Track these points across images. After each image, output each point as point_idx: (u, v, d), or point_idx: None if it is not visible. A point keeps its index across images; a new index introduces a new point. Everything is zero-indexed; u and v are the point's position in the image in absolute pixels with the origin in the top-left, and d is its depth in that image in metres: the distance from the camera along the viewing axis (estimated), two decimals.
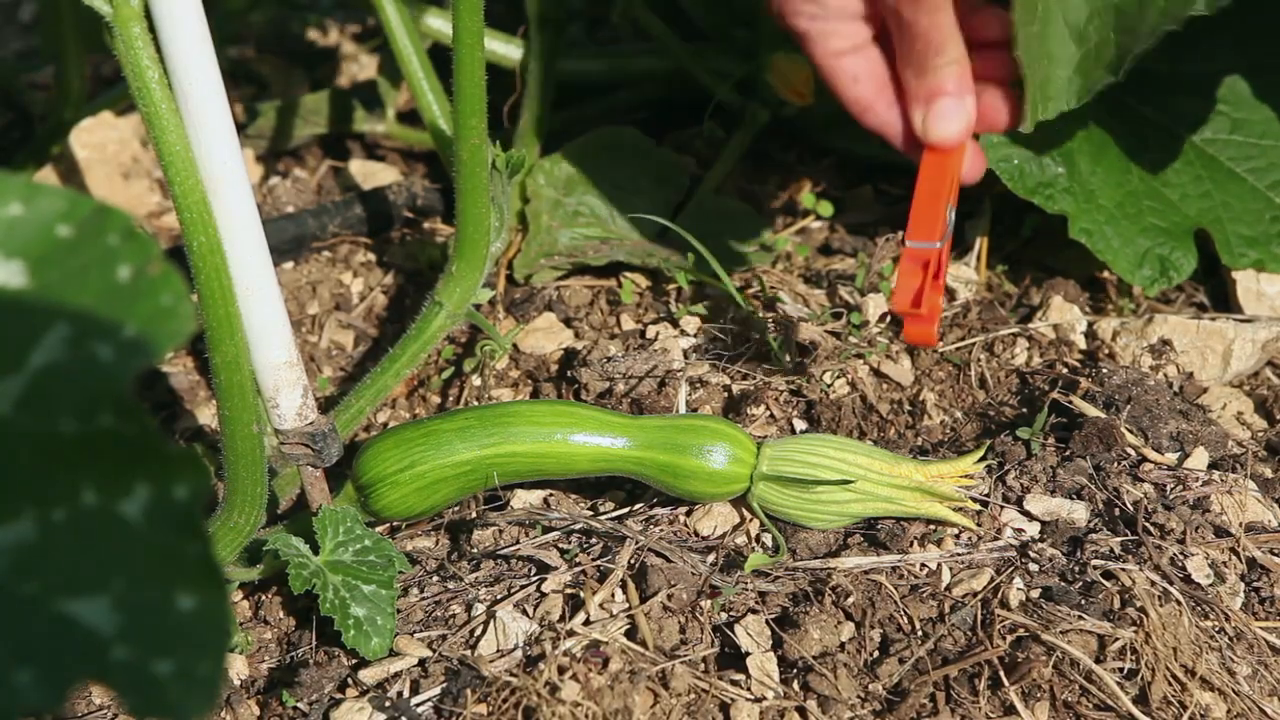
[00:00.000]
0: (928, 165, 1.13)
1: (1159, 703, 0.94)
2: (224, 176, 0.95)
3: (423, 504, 1.11)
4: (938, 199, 1.09)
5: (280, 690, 1.02)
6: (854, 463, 1.07)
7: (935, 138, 1.12)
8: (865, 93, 1.15)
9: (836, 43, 1.14)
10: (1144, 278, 1.35)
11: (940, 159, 1.12)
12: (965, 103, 1.11)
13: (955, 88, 1.11)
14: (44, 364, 0.51)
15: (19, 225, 0.53)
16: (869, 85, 1.15)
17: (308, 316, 1.49)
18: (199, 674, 0.49)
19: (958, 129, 1.11)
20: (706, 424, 1.10)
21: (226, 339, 0.95)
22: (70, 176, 1.66)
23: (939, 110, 1.11)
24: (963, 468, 1.08)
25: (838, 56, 1.14)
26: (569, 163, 1.49)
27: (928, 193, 1.10)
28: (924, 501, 1.07)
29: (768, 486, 1.08)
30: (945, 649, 0.98)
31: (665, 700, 0.94)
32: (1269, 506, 1.11)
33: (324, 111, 1.72)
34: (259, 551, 1.05)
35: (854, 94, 1.15)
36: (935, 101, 1.11)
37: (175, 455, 0.51)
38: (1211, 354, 1.31)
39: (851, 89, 1.15)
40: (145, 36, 0.89)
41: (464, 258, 1.23)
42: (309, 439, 1.06)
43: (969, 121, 1.12)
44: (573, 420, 1.11)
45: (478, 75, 1.13)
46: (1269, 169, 1.41)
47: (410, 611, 1.06)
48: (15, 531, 0.50)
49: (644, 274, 1.46)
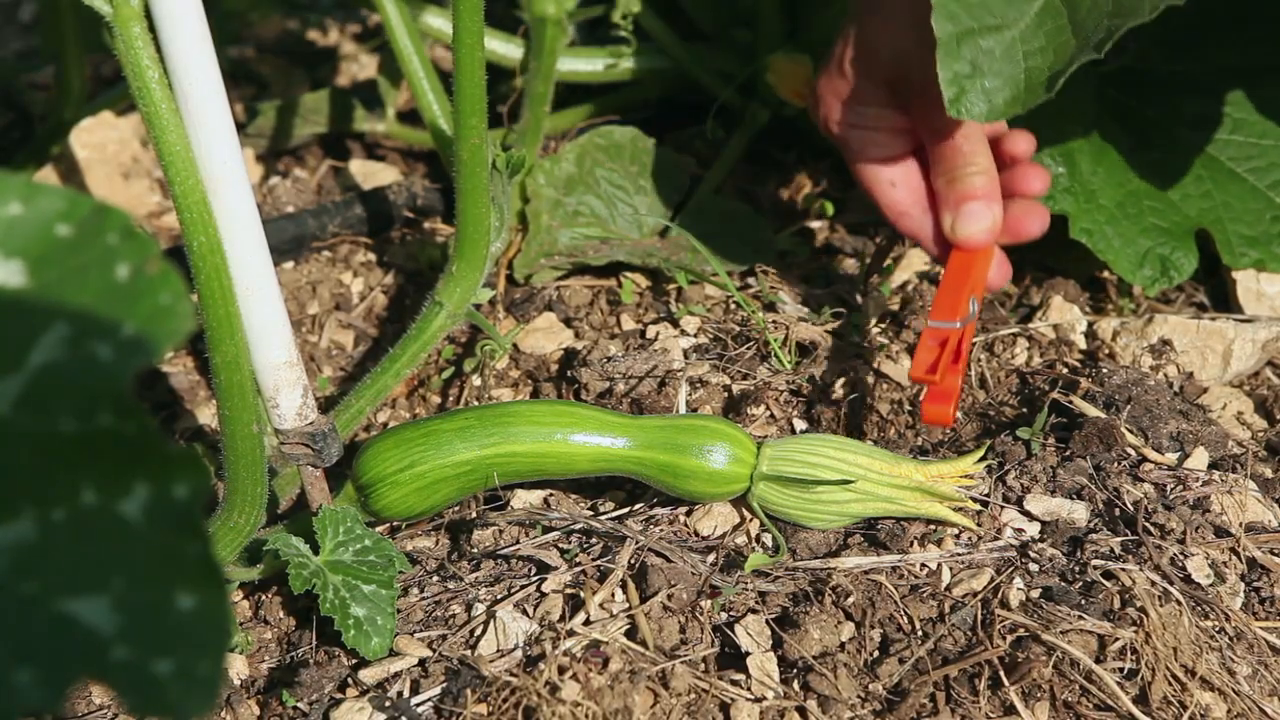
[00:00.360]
0: (955, 259, 1.19)
1: (1159, 703, 0.94)
2: (224, 176, 0.95)
3: (423, 504, 1.11)
4: (961, 288, 1.15)
5: (280, 690, 1.02)
6: (854, 463, 1.07)
7: (962, 236, 1.19)
8: (901, 198, 1.23)
9: (876, 151, 1.24)
10: (1145, 278, 1.35)
11: (967, 257, 1.19)
12: (993, 208, 1.19)
13: (984, 194, 1.19)
14: (43, 363, 0.51)
15: (18, 225, 0.53)
16: (905, 192, 1.23)
17: (308, 316, 1.49)
18: (199, 674, 0.49)
19: (984, 229, 1.19)
20: (706, 424, 1.10)
21: (226, 339, 0.95)
22: (70, 176, 1.66)
23: (967, 212, 1.18)
24: (963, 468, 1.08)
25: (877, 164, 1.24)
26: (569, 162, 1.49)
27: (952, 282, 1.16)
28: (924, 501, 1.07)
29: (768, 486, 1.08)
30: (945, 649, 0.98)
31: (665, 700, 0.94)
32: (1269, 506, 1.11)
33: (324, 110, 1.72)
34: (259, 551, 1.05)
35: (891, 198, 1.24)
36: (964, 205, 1.19)
37: (175, 455, 0.51)
38: (1211, 354, 1.31)
39: (889, 193, 1.24)
40: (145, 36, 0.89)
41: (464, 258, 1.23)
42: (309, 439, 1.06)
43: (995, 224, 1.19)
44: (573, 420, 1.11)
45: (478, 75, 1.13)
46: (1269, 169, 1.41)
47: (410, 611, 1.06)
48: (15, 531, 0.50)
49: (644, 274, 1.46)
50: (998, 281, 1.21)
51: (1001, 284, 1.23)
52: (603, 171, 1.50)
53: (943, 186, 1.20)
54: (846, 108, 1.23)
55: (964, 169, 1.18)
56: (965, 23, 1.08)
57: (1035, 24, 1.08)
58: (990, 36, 1.07)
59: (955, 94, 1.08)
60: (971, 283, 1.15)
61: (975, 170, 1.18)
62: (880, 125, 1.23)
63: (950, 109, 1.08)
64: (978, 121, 1.09)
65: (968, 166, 1.18)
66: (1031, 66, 1.08)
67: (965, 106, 1.08)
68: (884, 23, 1.18)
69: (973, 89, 1.08)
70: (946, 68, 1.08)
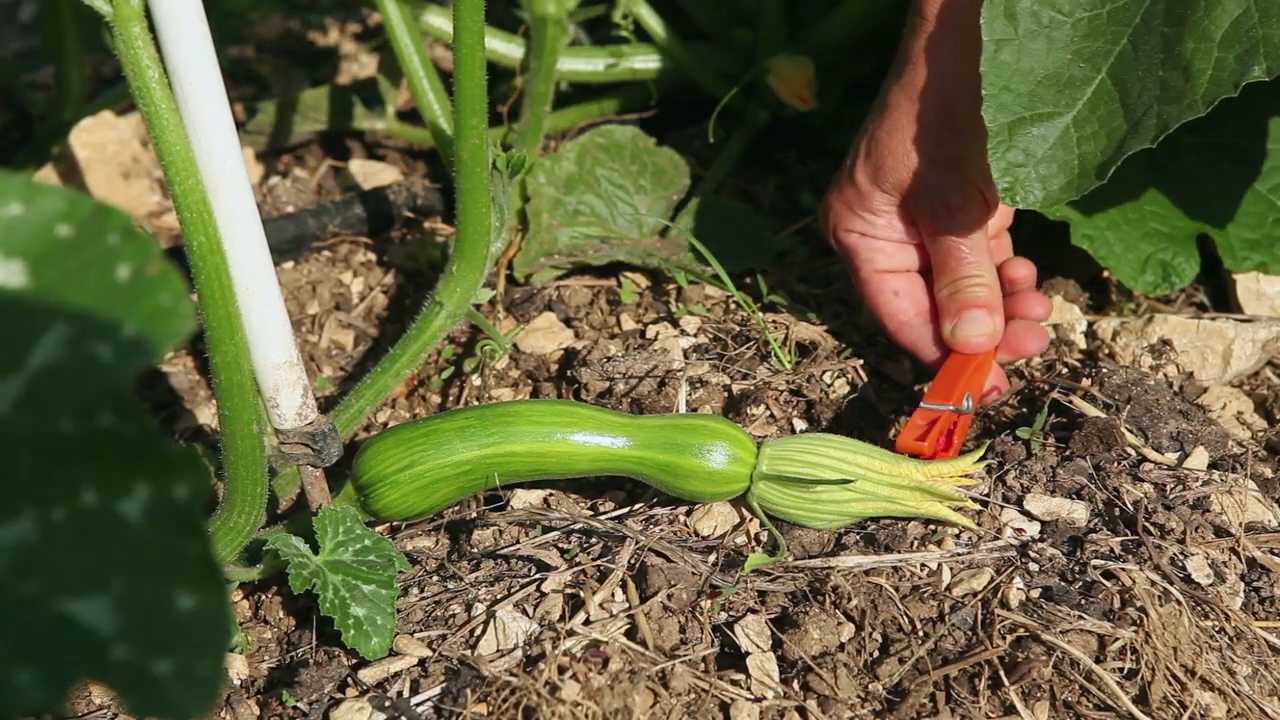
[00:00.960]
0: (953, 359, 1.19)
1: (1159, 702, 0.94)
2: (224, 176, 0.95)
3: (422, 504, 1.11)
4: (957, 379, 1.15)
5: (280, 690, 1.02)
6: (854, 462, 1.07)
7: (960, 339, 1.20)
8: (903, 308, 1.24)
9: (883, 260, 1.24)
10: (1147, 283, 1.35)
11: (965, 359, 1.19)
12: (994, 317, 1.20)
13: (985, 304, 1.19)
14: (44, 364, 0.51)
15: (19, 225, 0.53)
16: (908, 303, 1.24)
17: (308, 316, 1.49)
18: (199, 673, 0.49)
19: (984, 333, 1.19)
20: (706, 423, 1.10)
21: (226, 339, 0.95)
22: (70, 176, 1.66)
23: (967, 318, 1.19)
24: (963, 468, 1.08)
25: (882, 273, 1.24)
26: (570, 161, 1.50)
27: (949, 373, 1.17)
28: (924, 501, 1.07)
29: (768, 486, 1.08)
30: (945, 649, 0.98)
31: (665, 700, 0.94)
32: (1269, 506, 1.11)
33: (324, 108, 1.72)
34: (259, 551, 1.05)
35: (894, 308, 1.24)
36: (965, 311, 1.19)
37: (175, 455, 0.51)
38: (1211, 354, 1.31)
39: (892, 303, 1.24)
40: (145, 36, 0.89)
41: (464, 258, 1.23)
42: (309, 439, 1.06)
43: (994, 333, 1.20)
44: (572, 420, 1.11)
45: (478, 75, 1.13)
46: (1271, 172, 1.41)
47: (410, 611, 1.06)
48: (15, 531, 0.50)
49: (644, 274, 1.46)
50: (993, 395, 1.22)
51: (997, 398, 1.22)
52: (603, 170, 1.50)
53: (945, 298, 1.21)
54: (857, 217, 1.24)
55: (968, 280, 1.20)
56: (1017, 111, 1.07)
57: (1088, 109, 1.07)
58: (1043, 124, 1.07)
59: (1009, 184, 1.08)
60: (966, 379, 1.16)
61: (979, 282, 1.20)
62: (890, 236, 1.23)
63: (1004, 198, 1.08)
64: (1032, 209, 1.09)
65: (972, 278, 1.19)
66: (1085, 152, 1.07)
67: (1020, 195, 1.08)
68: (894, 135, 1.19)
69: (1027, 178, 1.07)
70: (1000, 158, 1.07)
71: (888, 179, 1.20)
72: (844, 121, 1.64)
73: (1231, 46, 1.03)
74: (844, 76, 1.66)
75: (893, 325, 1.24)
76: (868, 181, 1.22)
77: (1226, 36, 1.03)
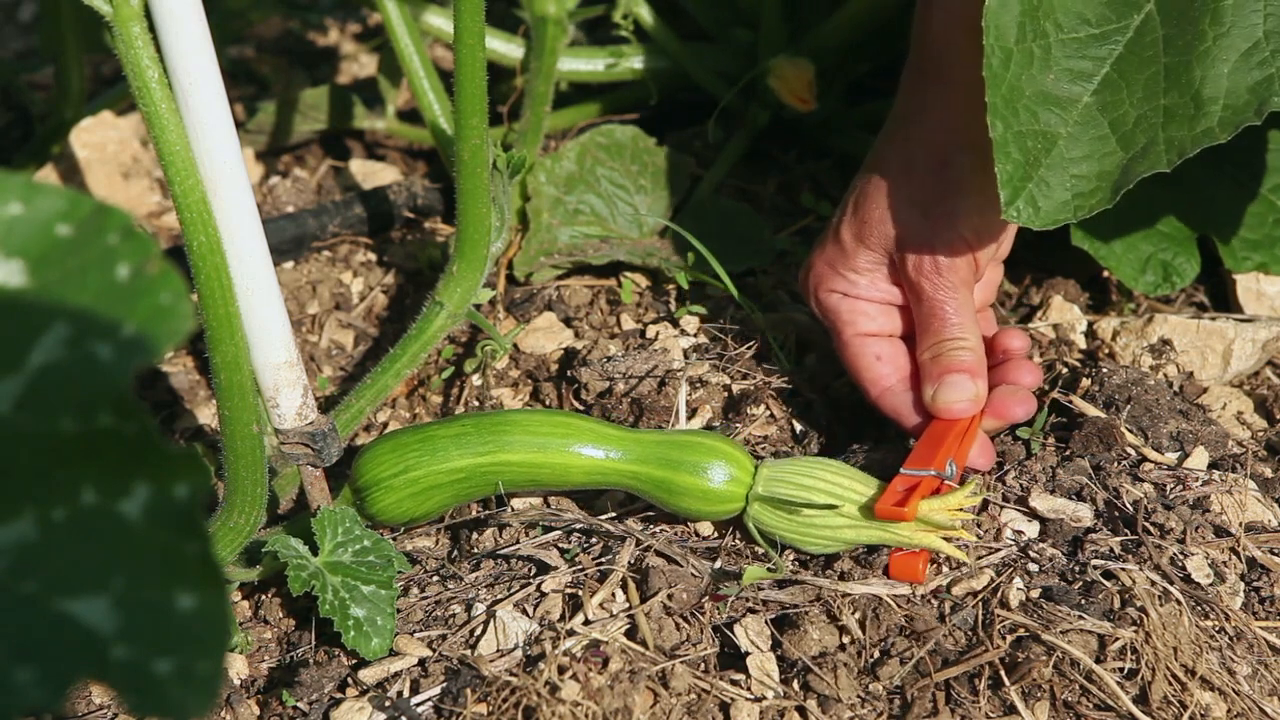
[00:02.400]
0: (935, 425, 1.14)
1: (1159, 702, 0.94)
2: (224, 176, 0.95)
3: (417, 509, 1.11)
4: (938, 445, 1.10)
5: (280, 690, 1.02)
6: (849, 489, 1.05)
7: (941, 404, 1.14)
8: (885, 373, 1.18)
9: (865, 323, 1.20)
10: (1147, 284, 1.35)
11: (947, 425, 1.14)
12: (977, 383, 1.14)
13: (968, 368, 1.14)
14: (43, 363, 0.51)
15: (19, 225, 0.53)
16: (890, 367, 1.19)
17: (308, 316, 1.49)
18: (199, 673, 0.49)
19: (965, 398, 1.13)
20: (704, 440, 1.09)
21: (226, 339, 0.95)
22: (70, 176, 1.66)
23: (949, 382, 1.13)
24: (956, 501, 1.06)
25: (864, 337, 1.19)
26: (570, 160, 1.50)
27: (931, 439, 1.12)
28: (917, 532, 1.05)
29: (762, 507, 1.07)
30: (945, 649, 0.98)
31: (665, 700, 0.94)
32: (1269, 506, 1.11)
33: (324, 107, 1.72)
34: (259, 552, 1.05)
35: (875, 373, 1.19)
36: (946, 376, 1.14)
37: (175, 455, 0.51)
38: (1211, 354, 1.31)
39: (873, 368, 1.19)
40: (145, 36, 0.89)
41: (464, 258, 1.23)
42: (309, 439, 1.06)
43: (976, 398, 1.14)
44: (569, 431, 1.10)
45: (479, 74, 1.13)
46: (1272, 172, 1.41)
47: (410, 611, 1.06)
48: (15, 531, 0.50)
49: (644, 274, 1.46)
50: (980, 463, 1.15)
51: (984, 467, 1.15)
52: (603, 170, 1.50)
53: (927, 361, 1.15)
54: (839, 276, 1.20)
55: (951, 344, 1.14)
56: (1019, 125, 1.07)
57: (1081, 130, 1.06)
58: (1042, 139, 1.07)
59: (1010, 195, 1.06)
60: (949, 445, 1.11)
61: (963, 345, 1.14)
62: (872, 297, 1.19)
63: (1005, 211, 1.06)
64: (1030, 226, 1.06)
65: (955, 340, 1.14)
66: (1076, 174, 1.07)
67: (1024, 213, 1.06)
68: (885, 188, 1.17)
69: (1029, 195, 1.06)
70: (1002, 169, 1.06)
71: (874, 234, 1.17)
72: (844, 120, 1.64)
73: (1244, 76, 1.03)
74: (844, 78, 1.66)
75: (874, 391, 1.18)
76: (853, 239, 1.18)
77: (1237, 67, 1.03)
